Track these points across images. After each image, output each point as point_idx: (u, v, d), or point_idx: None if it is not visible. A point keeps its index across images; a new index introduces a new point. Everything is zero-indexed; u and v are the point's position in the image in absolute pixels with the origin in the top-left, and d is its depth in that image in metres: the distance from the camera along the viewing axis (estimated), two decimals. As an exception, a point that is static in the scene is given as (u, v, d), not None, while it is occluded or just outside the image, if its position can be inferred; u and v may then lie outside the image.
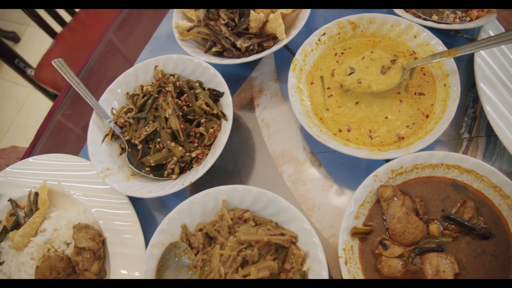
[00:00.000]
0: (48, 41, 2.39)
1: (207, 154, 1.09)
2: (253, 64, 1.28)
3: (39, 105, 3.05)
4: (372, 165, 1.09)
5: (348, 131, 1.06)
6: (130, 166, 1.14)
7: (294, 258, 0.99)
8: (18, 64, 2.29)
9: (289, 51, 1.28)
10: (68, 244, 1.17)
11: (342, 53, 1.14)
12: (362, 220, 0.98)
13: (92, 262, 1.11)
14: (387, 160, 1.08)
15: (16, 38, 3.73)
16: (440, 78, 1.05)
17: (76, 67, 2.11)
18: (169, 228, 1.03)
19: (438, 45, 1.06)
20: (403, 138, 1.03)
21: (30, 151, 1.37)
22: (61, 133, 1.38)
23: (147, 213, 1.18)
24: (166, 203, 1.19)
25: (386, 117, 1.05)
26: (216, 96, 1.12)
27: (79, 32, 2.25)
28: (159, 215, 1.18)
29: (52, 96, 2.35)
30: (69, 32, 2.29)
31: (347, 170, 1.10)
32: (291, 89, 1.07)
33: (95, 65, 1.46)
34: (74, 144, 1.34)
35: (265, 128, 1.18)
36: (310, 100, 1.10)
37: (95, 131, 1.19)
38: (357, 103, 1.08)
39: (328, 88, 1.11)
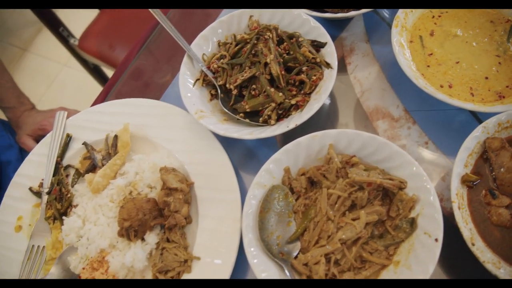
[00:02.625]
0: (84, 19, 2.35)
1: (308, 101, 1.08)
2: (342, 25, 1.29)
3: (71, 81, 2.99)
4: (465, 125, 1.11)
5: (450, 87, 1.08)
6: (225, 110, 1.12)
7: (401, 205, 0.98)
8: (62, 33, 2.23)
9: (378, 15, 1.31)
10: (151, 187, 1.13)
11: (439, 16, 1.17)
12: (469, 169, 0.99)
13: (182, 204, 1.06)
14: (479, 122, 1.11)
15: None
16: (537, 44, 1.10)
17: (125, 37, 2.08)
18: (272, 169, 1.01)
19: (536, 13, 1.11)
20: (504, 96, 1.06)
21: (103, 98, 1.32)
22: (136, 82, 1.34)
23: (235, 162, 1.15)
24: (255, 152, 1.16)
25: (486, 77, 1.08)
26: (317, 46, 1.13)
27: (127, 4, 2.22)
28: (247, 165, 1.15)
29: (91, 68, 2.30)
30: (116, 3, 2.25)
31: (441, 129, 1.12)
32: (395, 43, 1.09)
33: (173, 20, 1.44)
34: (150, 92, 1.30)
35: (357, 85, 1.19)
36: (412, 56, 1.12)
37: (186, 75, 1.16)
38: (457, 62, 1.11)
39: (427, 47, 1.14)
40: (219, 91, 1.15)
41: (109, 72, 2.42)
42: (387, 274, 0.94)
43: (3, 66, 1.71)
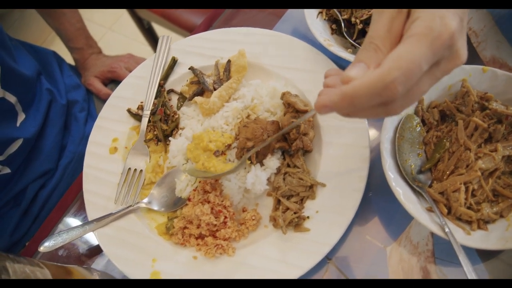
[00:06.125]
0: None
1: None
2: (454, -20, 1.32)
3: (115, 44, 2.93)
4: None
5: None
6: (351, 41, 1.10)
7: (533, 143, 0.98)
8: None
9: (486, -24, 1.34)
10: (271, 112, 1.09)
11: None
12: None
13: (309, 128, 1.03)
14: None
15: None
16: None
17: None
18: (408, 98, 1.00)
19: None
20: None
21: (204, 30, 1.28)
22: (241, 17, 1.30)
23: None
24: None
25: None
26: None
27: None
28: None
29: (144, 29, 2.25)
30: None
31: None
32: (521, -6, 1.12)
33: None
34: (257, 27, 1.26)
35: (473, 36, 1.21)
36: (533, 9, 1.15)
37: (310, 7, 1.15)
38: None
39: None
40: (342, 24, 1.13)
41: (160, 30, 2.36)
42: (520, 209, 0.94)
43: None
